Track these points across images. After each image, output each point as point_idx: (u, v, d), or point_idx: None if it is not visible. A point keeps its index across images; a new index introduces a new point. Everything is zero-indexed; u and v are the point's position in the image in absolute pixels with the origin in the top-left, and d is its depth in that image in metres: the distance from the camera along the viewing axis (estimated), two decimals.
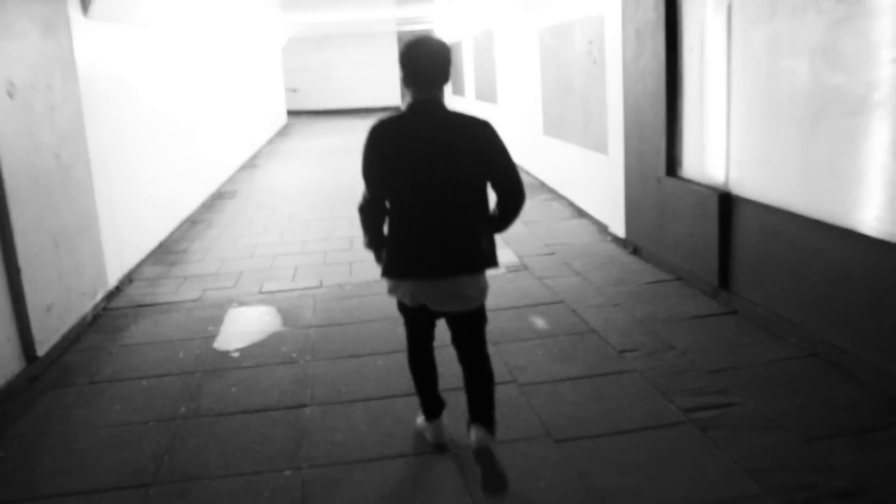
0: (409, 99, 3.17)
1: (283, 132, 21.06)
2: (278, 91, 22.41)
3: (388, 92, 26.64)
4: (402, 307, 3.41)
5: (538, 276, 6.57)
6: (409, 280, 3.18)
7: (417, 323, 3.45)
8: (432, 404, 3.61)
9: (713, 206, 5.51)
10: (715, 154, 5.66)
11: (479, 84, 16.02)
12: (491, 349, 3.52)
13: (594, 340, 5.03)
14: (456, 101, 19.99)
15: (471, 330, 3.34)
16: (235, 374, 4.78)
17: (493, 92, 14.30)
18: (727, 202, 5.42)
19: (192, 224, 9.42)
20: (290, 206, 10.30)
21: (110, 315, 6.13)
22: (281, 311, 5.98)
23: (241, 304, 6.23)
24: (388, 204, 3.21)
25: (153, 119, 8.49)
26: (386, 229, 3.26)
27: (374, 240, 3.33)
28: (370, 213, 3.26)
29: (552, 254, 7.27)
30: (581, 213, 8.83)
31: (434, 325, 3.48)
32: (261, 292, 6.51)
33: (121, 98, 7.35)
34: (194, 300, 6.39)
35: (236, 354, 5.11)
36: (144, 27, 8.17)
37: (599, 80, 7.84)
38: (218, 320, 5.82)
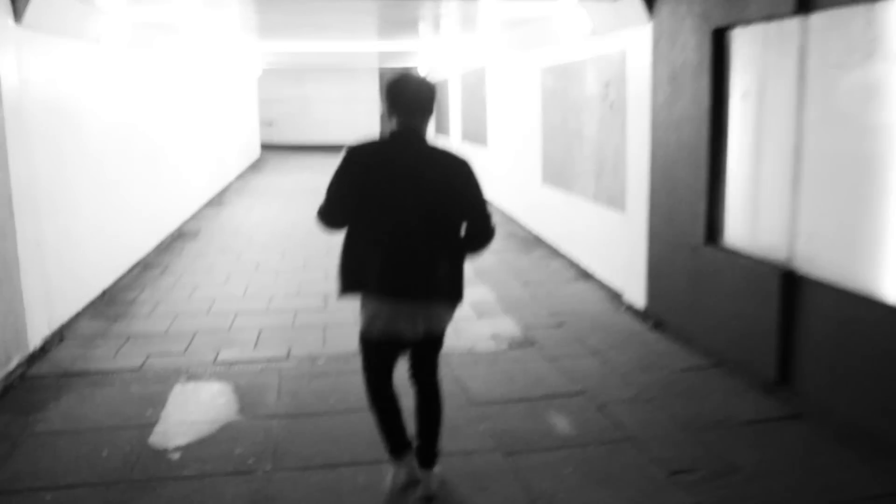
0: (391, 127, 3.21)
1: (255, 166, 19.98)
2: (252, 123, 21.36)
3: (368, 128, 25.71)
4: (369, 342, 3.36)
5: (548, 355, 5.53)
6: (389, 299, 3.17)
7: (383, 357, 3.40)
8: (401, 437, 3.45)
9: (773, 285, 4.53)
10: (774, 223, 4.70)
11: (466, 124, 15.12)
12: (506, 462, 3.52)
13: (633, 454, 3.98)
14: (440, 140, 19.09)
15: (432, 353, 3.46)
16: (172, 489, 3.64)
17: (482, 134, 13.38)
18: (791, 282, 4.45)
19: (145, 269, 8.28)
20: (258, 252, 9.20)
21: (27, 386, 4.98)
22: (238, 390, 4.86)
23: (191, 377, 5.11)
24: (352, 224, 3.24)
25: (103, 148, 7.39)
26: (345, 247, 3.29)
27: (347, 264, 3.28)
28: (328, 224, 3.28)
29: (560, 325, 6.25)
30: (586, 276, 7.84)
31: (396, 361, 3.44)
32: (216, 362, 5.39)
33: (61, 123, 6.26)
34: (134, 369, 5.25)
35: (176, 456, 3.98)
36: (96, 44, 7.10)
37: (617, 128, 6.91)
38: (159, 400, 4.69)
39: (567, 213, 8.58)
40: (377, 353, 3.39)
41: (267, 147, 24.43)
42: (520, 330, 6.13)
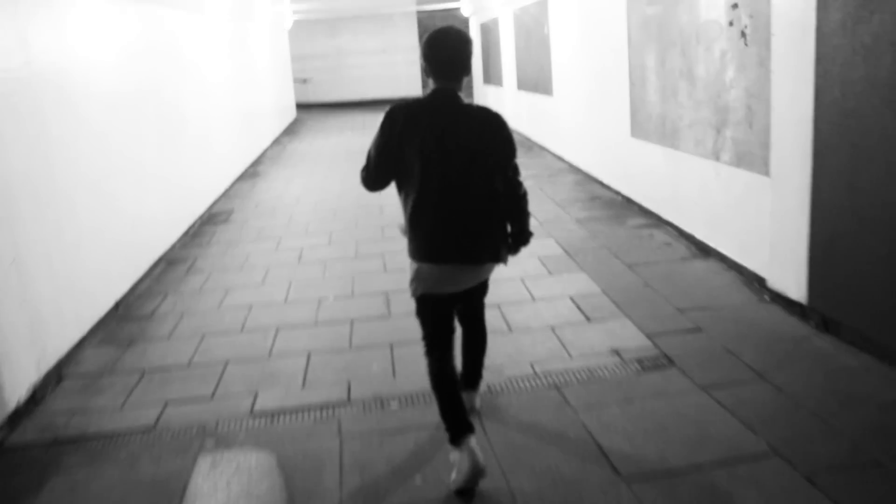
0: (430, 86, 3.20)
1: (291, 129, 18.56)
2: (286, 82, 19.87)
3: (408, 81, 24.03)
4: (428, 305, 3.33)
5: (698, 380, 4.06)
6: (438, 264, 3.17)
7: (442, 320, 3.37)
8: (462, 421, 3.22)
9: None
10: None
11: (523, 71, 13.45)
12: None
13: None
14: (490, 91, 17.44)
15: (478, 299, 3.60)
16: None
17: (545, 81, 11.73)
18: None
19: (168, 266, 6.98)
20: (300, 237, 7.82)
21: (2, 465, 3.68)
22: (286, 464, 3.51)
23: (220, 440, 3.77)
24: (399, 187, 3.22)
25: (106, 125, 6.03)
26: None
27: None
28: (372, 186, 3.28)
29: (697, 329, 4.76)
30: (704, 251, 6.30)
31: (452, 319, 3.46)
32: (252, 413, 4.04)
33: (44, 98, 4.89)
34: (146, 429, 3.94)
35: None
36: None
37: (752, 64, 5.30)
38: (176, 487, 3.36)
39: (670, 174, 7.00)
40: (435, 313, 3.36)
41: (303, 106, 23.00)
42: (646, 338, 4.66)
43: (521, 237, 3.36)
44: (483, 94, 18.94)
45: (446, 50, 3.15)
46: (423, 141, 3.07)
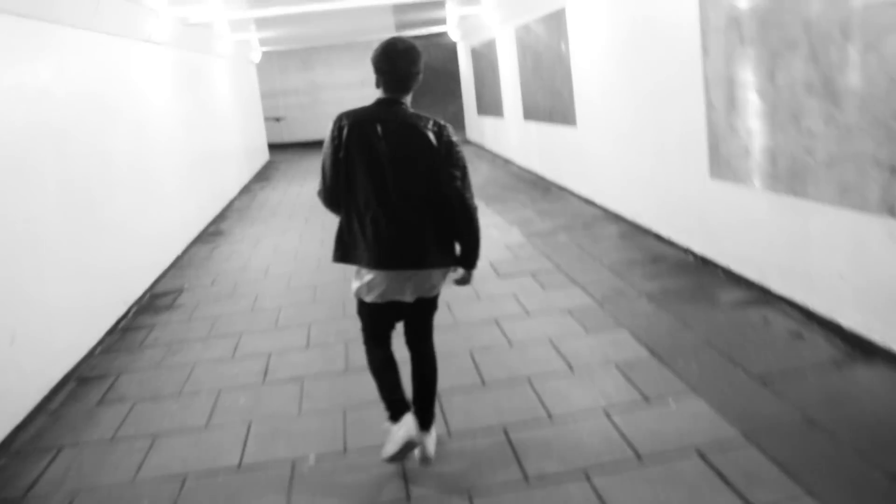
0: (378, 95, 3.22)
1: (263, 174, 16.41)
2: (256, 121, 17.75)
3: None
4: (365, 308, 3.40)
5: None
6: (377, 270, 3.20)
7: (378, 322, 3.43)
8: (400, 401, 3.38)
9: None
10: None
11: (530, 98, 11.43)
12: None
13: None
14: (487, 123, 15.44)
15: (425, 317, 3.47)
16: None
17: (564, 108, 9.71)
18: None
19: (76, 390, 4.84)
20: (267, 335, 5.67)
21: None
22: None
23: None
24: (341, 195, 3.24)
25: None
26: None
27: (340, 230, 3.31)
28: (331, 202, 3.31)
29: None
30: (865, 349, 4.22)
31: (393, 326, 3.47)
32: None
33: None
34: None
35: None
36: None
37: None
38: None
39: (788, 231, 4.95)
40: (371, 318, 3.42)
41: (277, 147, 20.92)
42: None
43: (469, 259, 3.29)
44: (478, 127, 16.93)
45: (390, 61, 3.16)
46: (365, 146, 3.13)
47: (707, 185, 5.99)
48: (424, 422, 3.42)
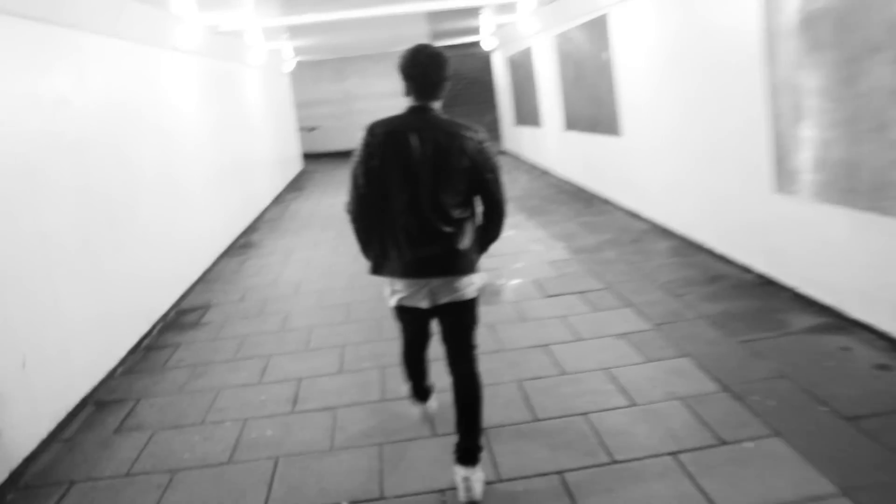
0: (408, 104, 3.19)
1: (296, 184, 16.14)
2: (289, 130, 17.52)
3: None
4: (398, 314, 3.39)
5: None
6: (407, 279, 3.18)
7: (414, 327, 3.43)
8: (421, 392, 3.68)
9: None
10: None
11: (572, 107, 11.00)
12: None
13: None
14: (524, 133, 15.03)
15: (461, 327, 3.31)
16: None
17: (607, 117, 9.27)
18: None
19: (95, 414, 4.51)
20: (298, 356, 5.30)
21: None
22: None
23: None
24: (374, 203, 3.18)
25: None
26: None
27: (367, 241, 3.28)
28: (361, 214, 3.22)
29: None
30: None
31: (428, 336, 3.48)
32: None
33: None
34: None
35: None
36: None
37: None
38: None
39: (872, 251, 4.48)
40: (405, 323, 3.43)
41: (311, 156, 20.69)
42: None
43: (484, 245, 3.32)
44: (515, 137, 16.52)
45: (419, 66, 3.14)
46: (399, 155, 3.07)
47: (771, 200, 5.52)
48: (469, 456, 3.24)
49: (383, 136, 3.11)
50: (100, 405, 4.72)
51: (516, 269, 6.96)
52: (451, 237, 3.11)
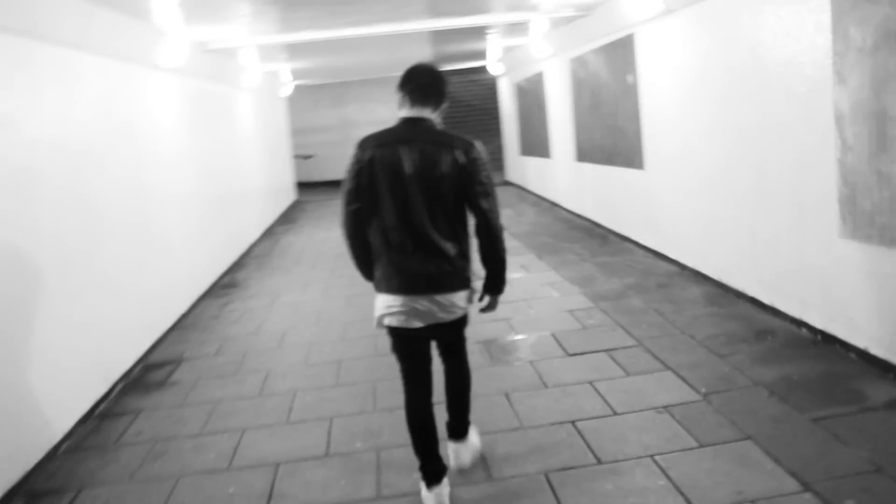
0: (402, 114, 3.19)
1: (288, 215, 15.33)
2: (283, 159, 16.75)
3: None
4: (392, 337, 3.28)
5: None
6: (400, 295, 3.10)
7: (412, 353, 3.29)
8: (435, 466, 3.29)
9: None
10: None
11: (586, 137, 10.23)
12: None
13: None
14: (530, 164, 14.27)
15: (455, 336, 3.39)
16: None
17: (628, 149, 8.50)
18: None
19: None
20: (278, 432, 4.45)
21: None
22: None
23: None
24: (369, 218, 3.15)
25: None
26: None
27: (363, 260, 3.25)
28: (354, 232, 3.18)
29: None
30: None
31: (429, 358, 3.34)
32: None
33: None
34: None
35: None
36: None
37: None
38: None
39: None
40: (400, 347, 3.29)
41: (305, 185, 19.93)
42: None
43: (495, 284, 3.25)
44: (520, 168, 15.74)
45: (414, 73, 3.16)
46: (390, 169, 3.03)
47: (834, 244, 4.71)
48: (459, 432, 3.55)
49: (373, 152, 3.08)
50: (31, 497, 3.86)
51: (530, 319, 6.12)
52: (446, 252, 3.07)
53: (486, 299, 3.33)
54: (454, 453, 3.55)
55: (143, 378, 5.60)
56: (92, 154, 5.43)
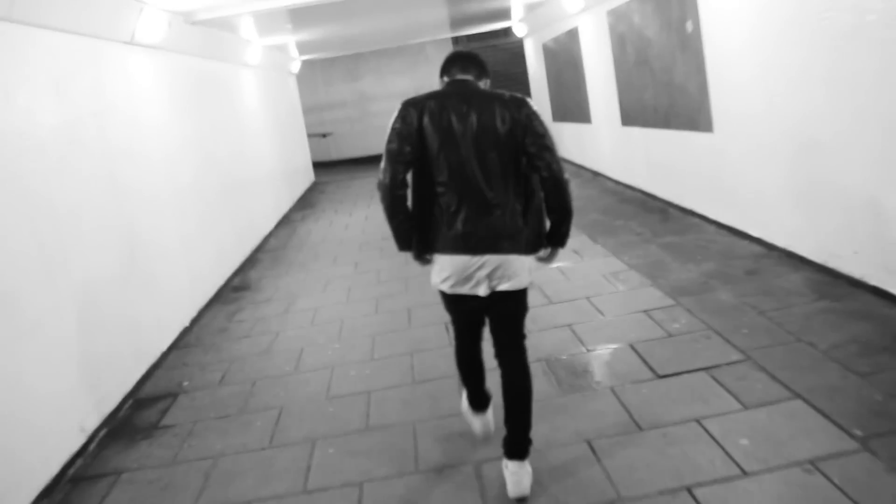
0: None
1: (306, 200, 14.27)
2: (297, 139, 15.65)
3: None
4: (446, 300, 3.20)
5: None
6: (455, 254, 2.96)
7: (465, 319, 3.25)
8: (480, 398, 3.42)
9: None
10: None
11: (631, 97, 9.01)
12: None
13: None
14: (566, 130, 13.04)
15: (511, 314, 3.11)
16: None
17: (689, 109, 7.28)
18: None
19: None
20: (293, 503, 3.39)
21: None
22: None
23: None
24: (413, 180, 3.04)
25: None
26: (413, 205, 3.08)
27: (403, 222, 3.04)
28: (394, 191, 2.96)
29: None
30: None
31: (482, 324, 3.27)
32: None
33: None
34: None
35: None
36: None
37: None
38: None
39: None
40: (454, 310, 3.23)
41: (323, 165, 18.87)
42: None
43: (558, 236, 3.06)
44: (554, 135, 14.46)
45: (456, 56, 3.11)
46: (441, 124, 2.91)
47: None
48: (519, 450, 3.07)
49: (422, 108, 2.94)
50: None
51: (599, 324, 4.99)
52: (505, 209, 2.93)
53: (548, 250, 3.11)
54: (513, 477, 3.03)
55: (132, 419, 4.58)
56: (45, 149, 4.36)
